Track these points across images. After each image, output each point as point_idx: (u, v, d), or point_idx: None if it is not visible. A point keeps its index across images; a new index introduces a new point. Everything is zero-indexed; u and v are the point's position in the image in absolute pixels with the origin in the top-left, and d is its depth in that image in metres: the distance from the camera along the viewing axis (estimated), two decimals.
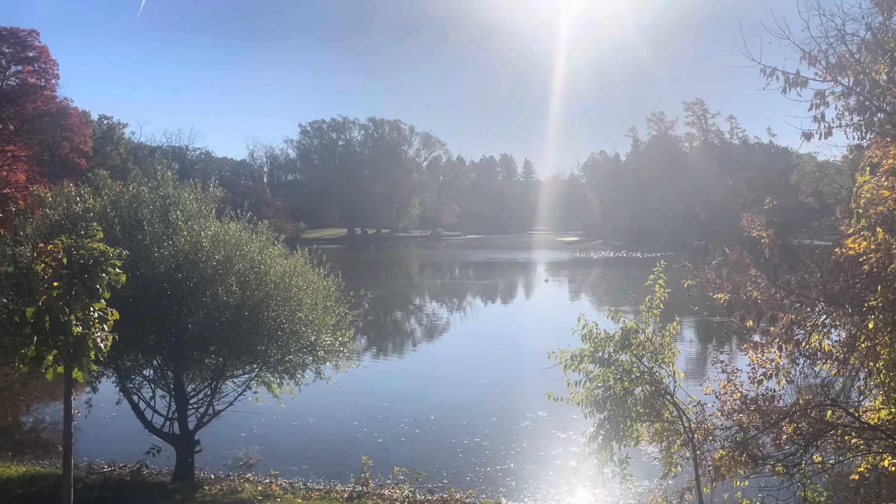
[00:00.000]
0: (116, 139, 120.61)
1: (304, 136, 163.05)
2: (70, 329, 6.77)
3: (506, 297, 56.27)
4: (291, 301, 13.55)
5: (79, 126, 77.76)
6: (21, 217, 13.42)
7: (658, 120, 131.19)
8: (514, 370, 26.83)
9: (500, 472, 15.53)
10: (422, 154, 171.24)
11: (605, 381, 10.15)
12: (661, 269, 10.12)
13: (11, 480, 13.10)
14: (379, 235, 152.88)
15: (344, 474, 14.93)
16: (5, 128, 70.47)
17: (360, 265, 74.62)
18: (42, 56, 69.71)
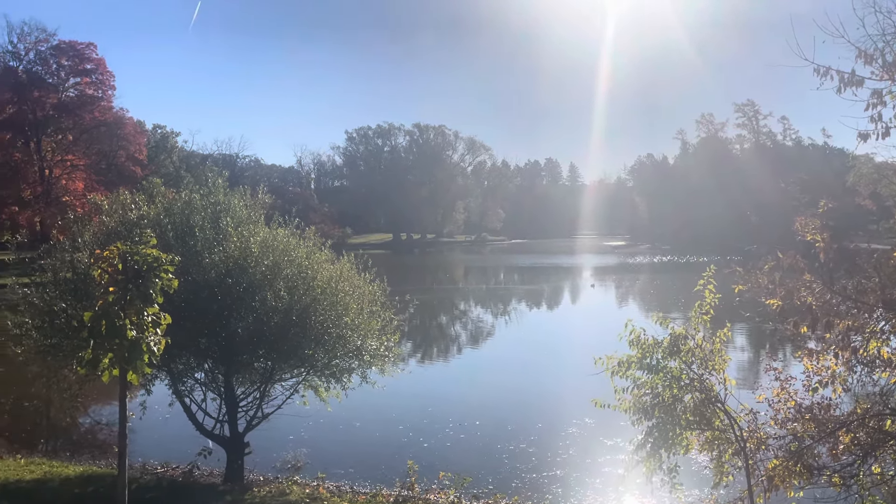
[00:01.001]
0: (170, 148, 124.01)
1: (350, 142, 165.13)
2: (125, 333, 6.97)
3: (551, 302, 55.90)
4: (338, 306, 13.69)
5: (134, 135, 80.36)
6: (79, 224, 13.88)
7: (707, 122, 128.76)
8: (559, 376, 26.62)
9: (546, 478, 15.40)
10: (466, 159, 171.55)
11: (654, 388, 9.97)
12: (710, 274, 9.91)
13: (69, 480, 13.53)
14: (424, 240, 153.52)
15: (390, 478, 15.00)
16: (64, 138, 73.26)
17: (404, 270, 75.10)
18: (99, 68, 72.32)
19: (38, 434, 20.29)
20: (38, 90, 68.76)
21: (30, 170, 68.79)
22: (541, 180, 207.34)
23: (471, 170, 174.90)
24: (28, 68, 70.22)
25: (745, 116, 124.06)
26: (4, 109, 67.72)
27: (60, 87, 72.18)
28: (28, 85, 68.30)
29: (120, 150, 77.24)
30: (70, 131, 72.52)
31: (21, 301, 13.41)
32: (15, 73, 69.13)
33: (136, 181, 74.49)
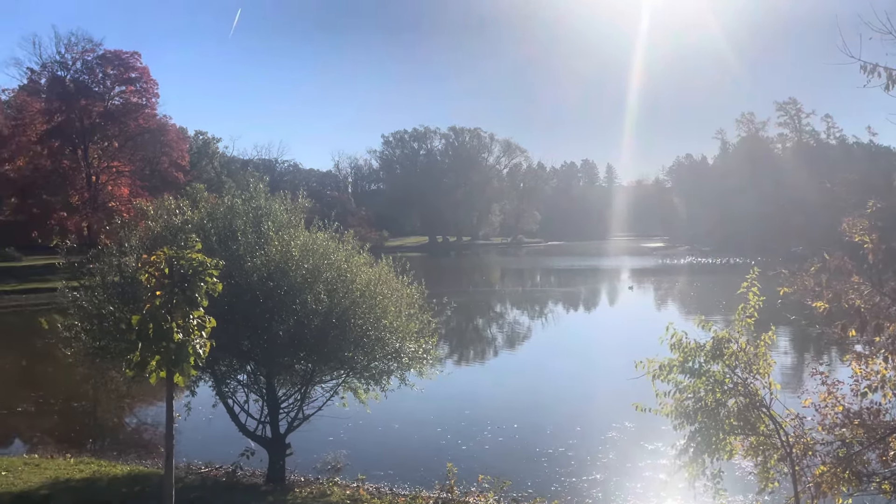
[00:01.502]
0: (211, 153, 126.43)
1: (386, 146, 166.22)
2: (172, 336, 7.14)
3: (588, 304, 55.47)
4: (377, 308, 13.80)
5: (177, 142, 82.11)
6: (126, 229, 14.24)
7: (748, 121, 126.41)
8: (598, 379, 26.41)
9: (586, 483, 15.28)
10: (502, 161, 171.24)
11: (696, 393, 9.83)
12: (754, 276, 9.75)
13: (118, 479, 13.88)
14: (459, 243, 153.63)
15: (429, 480, 15.04)
16: (110, 145, 75.16)
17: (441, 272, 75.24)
18: (143, 77, 74.08)
19: (85, 434, 20.83)
20: (84, 99, 70.62)
21: (77, 176, 70.72)
22: (577, 182, 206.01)
23: (506, 172, 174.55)
24: (75, 77, 72.21)
25: (786, 115, 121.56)
26: (53, 118, 69.71)
27: (106, 96, 74.08)
28: (75, 94, 70.21)
29: (163, 156, 78.97)
30: (115, 138, 74.38)
31: (70, 304, 13.80)
32: (63, 83, 71.14)
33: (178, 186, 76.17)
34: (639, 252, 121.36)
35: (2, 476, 13.56)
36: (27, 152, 69.92)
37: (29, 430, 21.31)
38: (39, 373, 29.87)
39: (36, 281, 59.56)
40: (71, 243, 14.04)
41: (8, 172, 68.85)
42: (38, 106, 72.74)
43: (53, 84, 71.53)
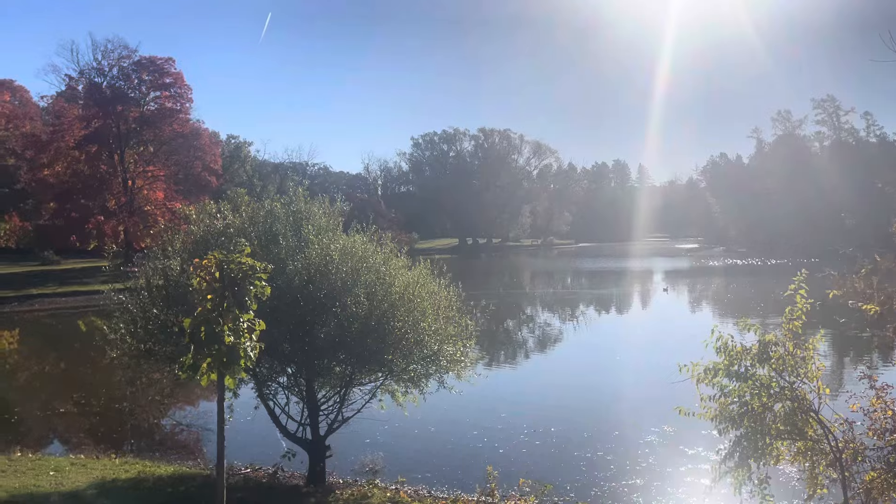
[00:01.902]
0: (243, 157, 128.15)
1: (416, 148, 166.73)
2: (223, 339, 7.23)
3: (622, 307, 54.96)
4: (415, 312, 13.82)
5: (210, 146, 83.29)
6: (169, 233, 14.48)
7: (784, 119, 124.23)
8: (633, 383, 26.15)
9: (626, 487, 15.13)
10: (532, 162, 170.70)
11: (741, 397, 9.70)
12: (802, 279, 9.59)
13: (162, 480, 14.10)
14: (490, 245, 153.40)
15: (466, 483, 15.03)
16: (146, 150, 76.49)
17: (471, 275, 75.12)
18: (177, 82, 75.24)
19: (126, 435, 21.22)
20: (121, 104, 71.93)
21: (114, 181, 72.06)
22: (608, 182, 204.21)
23: (536, 173, 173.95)
24: (112, 84, 73.58)
25: (824, 112, 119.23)
26: (90, 124, 71.10)
27: (142, 102, 75.40)
28: (112, 100, 71.55)
29: (196, 160, 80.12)
30: (151, 143, 75.67)
31: (116, 307, 14.06)
32: (100, 89, 72.55)
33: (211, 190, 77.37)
34: (672, 253, 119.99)
35: (50, 476, 13.87)
36: (65, 157, 71.44)
37: (70, 430, 21.76)
38: (79, 375, 30.51)
39: (74, 284, 60.93)
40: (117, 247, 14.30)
41: (47, 177, 70.41)
42: (75, 112, 74.31)
43: (91, 90, 72.97)
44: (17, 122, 70.30)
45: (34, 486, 13.07)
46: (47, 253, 75.38)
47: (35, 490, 12.79)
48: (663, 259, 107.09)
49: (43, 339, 44.29)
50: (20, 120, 71.33)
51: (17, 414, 23.00)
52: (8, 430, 21.12)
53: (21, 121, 71.38)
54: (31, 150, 70.06)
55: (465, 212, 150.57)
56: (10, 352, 38.74)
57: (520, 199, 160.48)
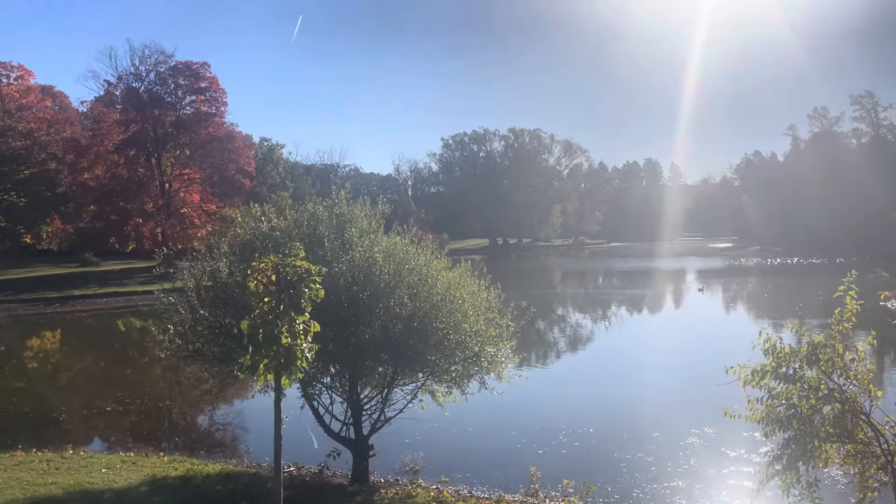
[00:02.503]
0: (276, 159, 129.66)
1: (446, 149, 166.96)
2: (280, 340, 7.42)
3: (656, 307, 54.46)
4: (457, 312, 13.92)
5: (243, 149, 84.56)
6: (216, 236, 14.80)
7: (820, 116, 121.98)
8: (670, 384, 25.91)
9: (668, 490, 15.05)
10: (562, 162, 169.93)
11: (789, 399, 9.62)
12: (852, 279, 9.49)
13: (210, 477, 14.41)
14: (520, 245, 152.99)
15: (507, 483, 15.09)
16: (182, 153, 77.85)
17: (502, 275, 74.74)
18: (212, 86, 76.50)
19: (166, 433, 21.67)
20: (158, 109, 73.32)
21: (152, 184, 73.49)
22: (640, 181, 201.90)
23: (567, 173, 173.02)
24: (149, 88, 75.08)
25: (862, 109, 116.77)
26: (129, 128, 72.60)
27: (178, 106, 76.78)
28: (149, 104, 72.97)
29: (231, 163, 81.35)
30: (187, 146, 77.01)
31: (165, 308, 14.40)
32: (137, 94, 74.05)
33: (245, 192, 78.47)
34: (706, 253, 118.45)
35: (102, 473, 14.26)
36: (105, 161, 73.04)
37: (115, 428, 22.28)
38: (120, 373, 31.20)
39: (114, 285, 62.29)
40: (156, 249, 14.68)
41: (87, 181, 72.03)
42: (114, 116, 75.92)
43: (128, 95, 74.51)
44: (57, 126, 71.96)
45: (88, 482, 13.46)
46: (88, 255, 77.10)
47: (89, 487, 13.16)
48: (697, 258, 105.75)
49: (84, 338, 45.36)
50: (61, 125, 73.02)
51: (63, 412, 23.62)
52: (54, 427, 21.72)
53: (62, 126, 73.07)
54: (71, 154, 71.77)
55: (495, 212, 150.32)
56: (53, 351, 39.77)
57: (550, 198, 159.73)
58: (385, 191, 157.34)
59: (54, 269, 73.00)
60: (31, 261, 74.63)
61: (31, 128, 68.23)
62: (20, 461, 15.03)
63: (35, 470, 14.20)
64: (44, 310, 52.82)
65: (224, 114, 78.76)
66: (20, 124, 67.68)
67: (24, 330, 46.22)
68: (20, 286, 60.82)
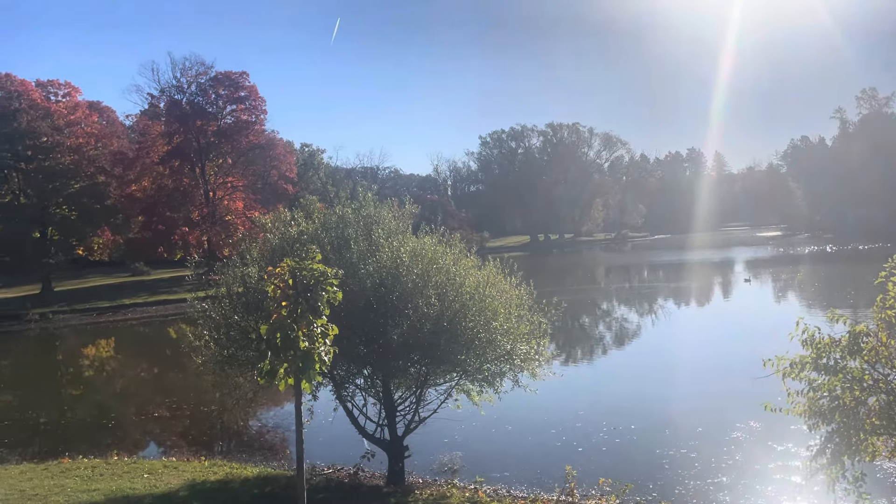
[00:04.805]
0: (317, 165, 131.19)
1: (484, 147, 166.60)
2: (298, 344, 7.41)
3: (702, 299, 53.33)
4: (487, 311, 13.81)
5: (285, 155, 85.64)
6: (247, 242, 14.96)
7: (870, 97, 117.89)
8: (715, 377, 25.32)
9: (711, 486, 14.66)
10: (602, 155, 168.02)
11: (832, 391, 9.25)
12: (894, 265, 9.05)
13: (248, 481, 14.58)
14: (562, 240, 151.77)
15: (545, 483, 14.91)
16: (224, 162, 79.19)
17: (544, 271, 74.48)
18: (252, 95, 77.65)
19: (214, 437, 22.04)
20: (200, 119, 74.72)
21: (196, 193, 74.95)
22: (683, 172, 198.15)
23: (608, 166, 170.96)
24: (191, 100, 76.54)
25: None
26: (172, 139, 74.20)
27: (219, 115, 78.12)
28: (191, 115, 74.43)
29: (273, 169, 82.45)
30: (229, 155, 78.31)
31: (200, 315, 14.62)
32: (179, 106, 75.60)
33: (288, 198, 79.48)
34: (754, 242, 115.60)
35: (144, 478, 14.55)
36: (151, 173, 74.83)
37: (163, 434, 22.78)
38: (170, 380, 31.93)
39: (163, 293, 63.84)
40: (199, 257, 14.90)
41: (135, 192, 73.88)
42: (158, 129, 77.70)
43: (171, 107, 76.12)
44: (105, 141, 73.91)
45: (129, 488, 13.75)
46: (137, 264, 79.21)
47: (130, 492, 13.45)
48: (744, 248, 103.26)
49: (136, 346, 46.59)
50: (108, 139, 74.97)
51: (113, 419, 24.25)
52: (106, 433, 22.31)
53: (109, 140, 75.03)
54: (119, 167, 73.69)
55: (535, 208, 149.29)
56: (107, 359, 40.93)
57: (591, 192, 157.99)
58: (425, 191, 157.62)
59: (106, 280, 75.17)
60: (83, 272, 76.99)
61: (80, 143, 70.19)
62: (66, 468, 15.46)
63: (80, 476, 14.57)
64: (97, 319, 54.43)
65: (264, 121, 79.88)
66: (69, 140, 69.67)
67: (78, 339, 47.71)
68: (74, 297, 62.81)
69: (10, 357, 44.39)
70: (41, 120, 67.33)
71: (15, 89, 68.09)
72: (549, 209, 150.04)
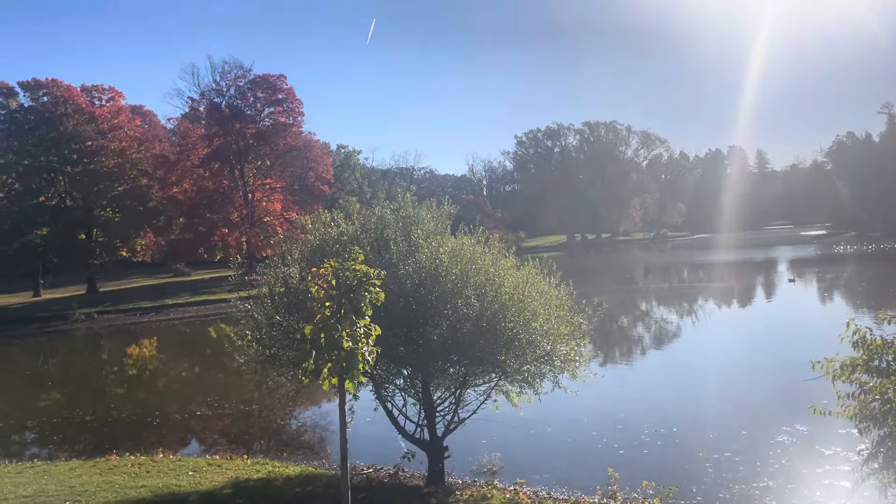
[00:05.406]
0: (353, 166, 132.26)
1: (519, 146, 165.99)
2: (342, 344, 7.46)
3: (744, 300, 52.30)
4: (526, 311, 13.74)
5: (321, 157, 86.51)
6: (287, 243, 15.14)
7: None
8: (759, 380, 24.79)
9: (757, 490, 14.37)
10: (640, 153, 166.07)
11: (884, 394, 9.00)
12: None
13: (291, 479, 14.75)
14: (599, 240, 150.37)
15: (586, 485, 14.77)
16: (263, 164, 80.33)
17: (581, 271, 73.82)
18: (289, 97, 78.61)
19: (256, 436, 22.33)
20: (239, 122, 75.89)
21: (236, 195, 76.15)
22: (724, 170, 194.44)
23: (646, 164, 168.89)
24: (230, 103, 77.80)
25: None
26: (212, 142, 75.51)
27: (257, 118, 79.26)
28: (230, 118, 75.65)
29: (310, 171, 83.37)
30: (267, 157, 79.37)
31: (242, 315, 14.84)
32: (219, 109, 76.90)
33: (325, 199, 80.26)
34: (798, 241, 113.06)
35: (190, 476, 14.82)
36: (191, 175, 76.26)
37: (206, 432, 23.14)
38: (212, 378, 32.47)
39: (204, 293, 65.04)
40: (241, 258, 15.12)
41: (176, 195, 75.39)
42: (198, 132, 79.20)
43: (211, 110, 77.44)
44: (147, 144, 75.59)
45: (175, 485, 14.01)
46: (179, 265, 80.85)
47: (176, 489, 13.70)
48: (788, 248, 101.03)
49: (178, 345, 47.51)
50: (150, 142, 76.67)
51: (157, 417, 24.74)
52: (151, 431, 22.78)
53: (151, 143, 76.73)
54: (160, 169, 75.29)
55: (572, 208, 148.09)
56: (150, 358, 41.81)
57: (629, 191, 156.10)
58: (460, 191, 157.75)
59: (148, 280, 76.89)
60: (127, 273, 78.83)
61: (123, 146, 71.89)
62: (114, 465, 15.82)
63: (127, 473, 14.91)
64: (140, 319, 55.67)
65: (301, 123, 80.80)
66: (113, 143, 71.44)
67: (122, 339, 48.84)
68: (118, 297, 64.35)
69: (57, 356, 45.67)
70: (86, 124, 69.16)
71: (61, 94, 70.05)
72: (586, 208, 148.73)
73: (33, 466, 16.68)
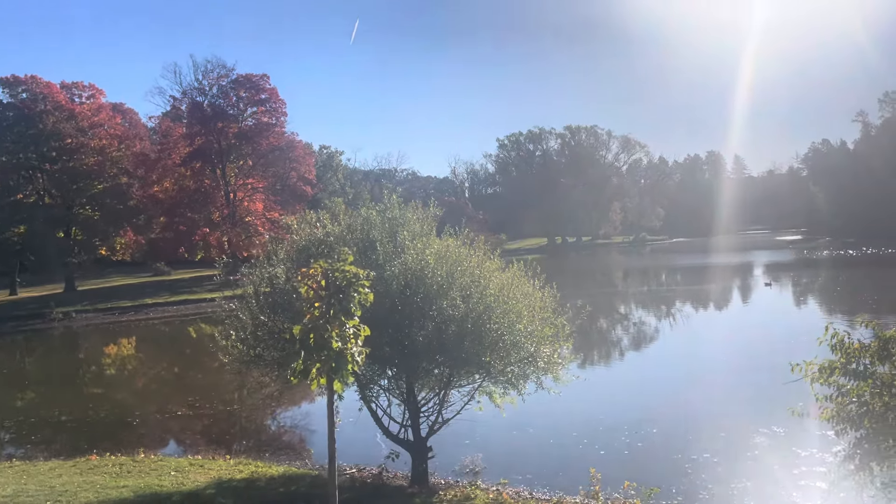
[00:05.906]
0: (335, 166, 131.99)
1: (501, 149, 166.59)
2: (331, 344, 7.52)
3: (722, 303, 52.92)
4: (510, 313, 13.85)
5: (304, 157, 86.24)
6: (273, 243, 15.13)
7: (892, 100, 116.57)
8: (737, 382, 25.14)
9: (736, 491, 14.60)
10: (621, 158, 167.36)
11: (860, 396, 9.22)
12: None
13: (274, 479, 14.74)
14: (579, 243, 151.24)
15: (567, 486, 14.92)
16: (245, 163, 79.86)
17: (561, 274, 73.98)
18: (272, 97, 78.26)
19: (238, 436, 22.24)
20: (221, 121, 75.40)
21: (217, 194, 75.68)
22: (702, 174, 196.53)
23: (626, 169, 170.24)
24: (212, 102, 77.29)
25: None
26: (194, 141, 74.97)
27: (240, 118, 78.81)
28: (212, 117, 75.15)
29: (292, 171, 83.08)
30: (249, 157, 78.96)
31: (227, 314, 14.80)
32: (201, 108, 76.36)
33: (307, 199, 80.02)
34: (774, 246, 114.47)
35: (172, 476, 14.75)
36: (173, 174, 75.67)
37: (186, 432, 23.00)
38: (191, 378, 32.23)
39: (184, 293, 64.54)
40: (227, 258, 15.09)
41: (157, 193, 74.77)
42: (180, 131, 78.57)
43: (193, 109, 76.88)
44: (128, 142, 74.82)
45: (157, 485, 13.94)
46: (159, 265, 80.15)
47: (158, 489, 13.63)
48: (764, 252, 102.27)
49: (157, 345, 47.09)
50: (131, 140, 75.91)
51: (137, 417, 24.55)
52: (130, 431, 22.61)
53: (132, 141, 75.97)
54: (141, 168, 74.59)
55: (553, 211, 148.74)
56: (129, 358, 41.43)
57: (609, 195, 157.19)
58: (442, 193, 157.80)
59: (128, 279, 76.10)
60: (106, 272, 78.05)
61: (104, 144, 71.09)
62: (94, 465, 15.70)
63: (108, 473, 14.81)
64: (119, 318, 55.11)
65: (284, 123, 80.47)
66: (93, 141, 70.64)
67: (101, 338, 48.32)
68: (97, 296, 63.63)
69: (34, 355, 45.09)
70: (66, 121, 68.33)
71: (40, 91, 69.15)
72: (567, 212, 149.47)
73: (12, 466, 16.50)
